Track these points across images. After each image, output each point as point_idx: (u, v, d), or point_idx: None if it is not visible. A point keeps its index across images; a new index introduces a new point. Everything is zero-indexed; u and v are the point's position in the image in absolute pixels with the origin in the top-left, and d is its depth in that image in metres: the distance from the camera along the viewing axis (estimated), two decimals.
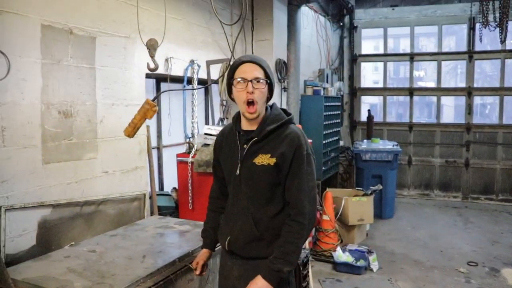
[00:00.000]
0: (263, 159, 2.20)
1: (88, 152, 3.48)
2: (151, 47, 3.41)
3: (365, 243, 6.13)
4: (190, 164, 4.09)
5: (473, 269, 5.39)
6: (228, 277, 2.38)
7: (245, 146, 2.25)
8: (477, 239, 6.59)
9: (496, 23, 7.36)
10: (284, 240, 2.16)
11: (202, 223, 3.48)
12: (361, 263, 5.22)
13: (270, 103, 2.34)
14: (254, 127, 2.25)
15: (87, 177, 3.48)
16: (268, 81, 2.22)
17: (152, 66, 3.50)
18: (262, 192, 2.23)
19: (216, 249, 2.58)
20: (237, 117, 2.34)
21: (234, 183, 2.30)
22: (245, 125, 2.29)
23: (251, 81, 2.15)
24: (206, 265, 2.52)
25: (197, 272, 2.48)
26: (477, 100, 9.97)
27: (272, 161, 2.18)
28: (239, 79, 2.18)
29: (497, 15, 7.29)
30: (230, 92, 2.29)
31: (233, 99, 2.28)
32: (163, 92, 3.91)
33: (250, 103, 2.16)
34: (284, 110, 2.36)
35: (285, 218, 2.22)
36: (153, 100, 2.99)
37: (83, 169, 3.44)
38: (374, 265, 5.31)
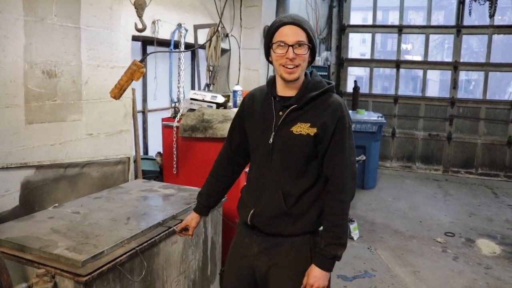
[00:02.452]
0: (302, 128, 2.02)
1: (72, 113, 3.42)
2: (139, 6, 3.31)
3: None
4: (175, 129, 4.07)
5: (450, 239, 5.54)
6: (244, 256, 2.23)
7: (281, 113, 2.07)
8: (455, 211, 6.75)
9: None
10: (331, 224, 2.03)
11: (186, 187, 3.53)
12: None
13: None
14: (292, 93, 2.07)
15: (71, 139, 3.43)
16: (311, 46, 2.01)
17: (140, 26, 3.42)
18: (296, 165, 2.06)
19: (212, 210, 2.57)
20: (273, 82, 2.15)
21: (263, 152, 2.12)
22: (282, 91, 2.10)
23: (292, 46, 1.95)
24: (188, 228, 2.45)
25: (189, 233, 2.44)
26: (462, 75, 10.08)
27: (312, 131, 2.01)
28: (279, 43, 1.98)
29: None
30: (268, 55, 2.10)
31: (271, 62, 2.10)
32: (150, 53, 3.84)
33: (291, 68, 1.98)
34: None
35: (314, 195, 2.09)
36: (140, 62, 2.93)
37: (67, 130, 3.38)
38: (355, 234, 5.42)
